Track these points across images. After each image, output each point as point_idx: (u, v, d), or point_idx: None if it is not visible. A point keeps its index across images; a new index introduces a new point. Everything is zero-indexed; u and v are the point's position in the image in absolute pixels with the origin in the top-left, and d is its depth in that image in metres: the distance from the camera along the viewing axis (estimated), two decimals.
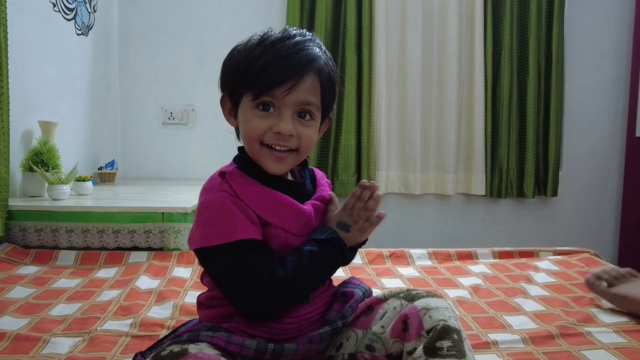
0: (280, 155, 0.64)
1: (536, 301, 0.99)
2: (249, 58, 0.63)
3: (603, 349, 0.77)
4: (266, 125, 0.63)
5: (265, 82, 0.61)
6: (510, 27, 2.25)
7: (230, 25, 2.28)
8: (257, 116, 0.63)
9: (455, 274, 1.18)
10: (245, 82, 0.63)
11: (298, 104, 0.63)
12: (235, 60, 0.65)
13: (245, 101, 0.64)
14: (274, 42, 0.62)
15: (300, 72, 0.61)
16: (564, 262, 1.27)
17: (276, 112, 0.63)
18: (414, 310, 0.61)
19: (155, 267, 1.18)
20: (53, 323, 0.85)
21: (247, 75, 0.62)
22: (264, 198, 0.64)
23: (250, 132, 0.64)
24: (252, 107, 0.63)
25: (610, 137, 2.39)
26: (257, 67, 0.61)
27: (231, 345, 0.58)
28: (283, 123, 0.62)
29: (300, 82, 0.61)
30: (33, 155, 1.47)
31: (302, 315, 0.66)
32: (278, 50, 0.62)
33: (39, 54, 1.65)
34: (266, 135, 0.63)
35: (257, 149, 0.64)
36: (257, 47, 0.63)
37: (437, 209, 2.38)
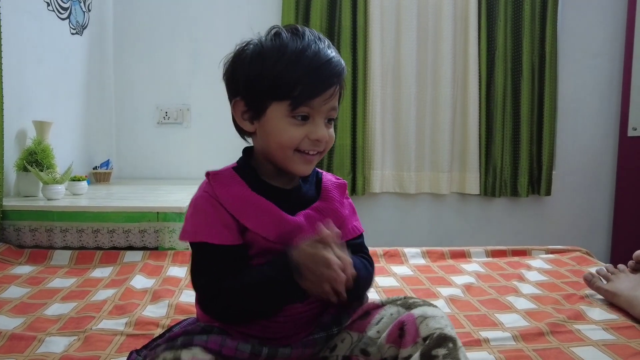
0: (310, 158, 0.66)
1: (528, 299, 1.00)
2: (277, 68, 0.62)
3: (592, 345, 0.78)
4: (302, 133, 0.64)
5: (305, 95, 0.62)
6: (504, 27, 2.26)
7: (225, 24, 2.28)
8: (293, 125, 0.63)
9: (448, 272, 1.19)
10: (278, 92, 0.62)
11: (329, 110, 0.65)
12: (255, 67, 0.64)
13: (277, 110, 0.63)
14: (304, 49, 0.62)
15: (334, 83, 0.64)
16: (556, 260, 1.29)
17: (310, 119, 0.64)
18: (411, 317, 0.61)
19: (150, 266, 1.18)
20: (48, 322, 0.86)
21: (281, 85, 0.62)
22: (244, 202, 0.64)
23: (287, 140, 0.64)
24: (288, 116, 0.63)
25: (603, 137, 2.41)
26: (292, 79, 0.61)
27: (225, 348, 0.59)
28: (320, 130, 0.64)
29: (335, 92, 0.64)
30: (27, 155, 1.47)
31: (296, 315, 0.66)
32: (312, 59, 0.62)
33: (33, 54, 1.64)
34: (302, 143, 0.64)
35: (290, 155, 0.65)
36: (282, 55, 0.62)
37: (432, 208, 2.40)
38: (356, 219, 0.75)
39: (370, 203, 2.35)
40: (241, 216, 0.63)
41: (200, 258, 0.64)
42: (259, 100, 0.64)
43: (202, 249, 0.63)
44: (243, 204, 0.64)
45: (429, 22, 2.28)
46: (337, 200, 0.72)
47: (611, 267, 1.03)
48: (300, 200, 0.69)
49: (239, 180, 0.65)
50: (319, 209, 0.69)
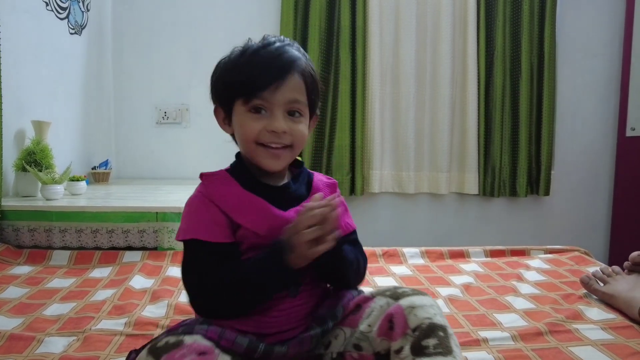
0: (275, 152, 0.68)
1: (526, 299, 1.01)
2: (236, 68, 0.68)
3: (590, 345, 0.79)
4: (260, 126, 0.67)
5: (253, 87, 0.66)
6: (503, 27, 2.26)
7: (224, 24, 2.28)
8: (250, 119, 0.67)
9: (447, 272, 1.20)
10: (235, 90, 0.68)
11: (287, 102, 0.67)
12: (221, 72, 0.70)
13: (238, 107, 0.68)
14: (256, 50, 0.67)
15: (283, 73, 0.66)
16: (554, 260, 1.29)
17: (268, 113, 0.67)
18: (399, 309, 0.62)
19: (149, 266, 1.18)
20: (47, 323, 0.86)
21: (235, 84, 0.67)
22: (236, 199, 0.67)
23: (246, 133, 0.67)
24: (245, 111, 0.67)
25: (602, 137, 2.42)
26: (244, 74, 0.66)
27: (223, 340, 0.59)
28: (276, 121, 0.66)
29: (284, 82, 0.66)
30: (26, 155, 1.47)
31: (290, 309, 0.67)
32: (261, 55, 0.67)
33: (32, 53, 1.64)
34: (261, 135, 0.67)
35: (253, 148, 0.68)
36: (241, 57, 0.68)
37: (431, 208, 2.40)
38: (348, 216, 0.77)
39: (369, 203, 2.36)
40: (234, 213, 0.66)
41: (191, 255, 0.67)
42: (226, 102, 0.70)
43: (192, 245, 0.66)
44: (235, 201, 0.67)
45: (427, 22, 2.28)
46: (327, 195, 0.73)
47: (607, 269, 1.03)
48: (291, 197, 0.71)
49: (231, 180, 0.69)
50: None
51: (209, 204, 0.67)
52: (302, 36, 2.22)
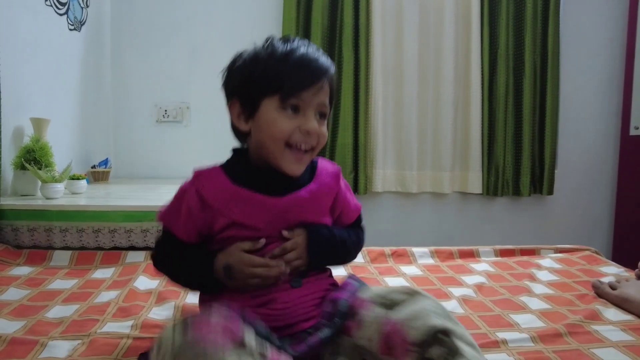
0: (301, 156, 0.69)
1: (541, 299, 0.99)
2: (267, 66, 0.67)
3: (612, 346, 0.77)
4: (294, 125, 0.67)
5: (296, 86, 0.66)
6: (507, 26, 2.25)
7: (225, 22, 2.25)
8: (285, 117, 0.67)
9: (458, 272, 1.17)
10: (270, 86, 0.67)
11: (320, 105, 0.69)
12: (249, 66, 0.69)
13: (269, 104, 0.67)
14: (292, 51, 0.68)
15: (322, 77, 0.68)
16: (565, 259, 1.27)
17: (301, 113, 0.68)
18: (395, 327, 0.58)
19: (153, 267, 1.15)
20: (50, 326, 0.82)
21: (271, 81, 0.67)
22: (227, 194, 0.69)
23: (278, 132, 0.67)
24: (279, 109, 0.67)
25: (605, 136, 2.41)
26: (283, 72, 0.67)
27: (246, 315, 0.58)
28: (311, 122, 0.68)
29: (324, 86, 0.68)
30: (25, 153, 1.43)
31: (293, 300, 0.67)
32: (300, 57, 0.67)
33: (30, 50, 1.60)
34: (293, 135, 0.67)
35: (280, 149, 0.68)
36: (273, 54, 0.68)
37: (434, 207, 2.38)
38: (352, 196, 0.81)
39: (372, 202, 2.33)
40: (226, 209, 0.68)
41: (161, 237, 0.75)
42: (252, 98, 0.69)
43: (164, 230, 0.73)
44: (226, 196, 0.68)
45: (430, 20, 2.26)
46: (328, 185, 0.75)
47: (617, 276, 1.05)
48: (292, 182, 0.71)
49: (222, 176, 0.70)
50: (311, 191, 0.72)
51: (196, 199, 0.69)
52: (304, 34, 2.19)
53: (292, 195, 0.70)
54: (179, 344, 0.50)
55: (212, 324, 0.52)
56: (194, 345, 0.50)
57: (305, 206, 0.71)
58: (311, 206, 0.72)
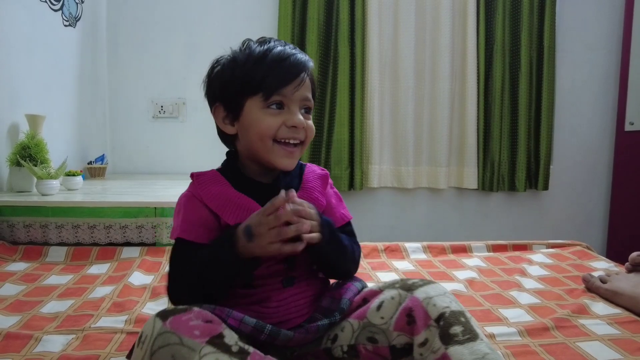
0: (291, 149, 0.69)
1: (531, 294, 1.00)
2: (248, 65, 0.68)
3: (598, 340, 0.78)
4: (279, 121, 0.68)
5: (276, 82, 0.67)
6: (503, 20, 2.25)
7: (221, 17, 2.24)
8: (269, 114, 0.68)
9: (450, 267, 1.19)
10: (250, 88, 0.68)
11: (303, 99, 0.70)
12: (229, 70, 0.70)
13: (253, 104, 0.68)
14: (267, 50, 0.68)
15: (301, 72, 0.69)
16: (557, 254, 1.28)
17: (286, 109, 0.69)
18: (417, 302, 0.61)
19: (148, 262, 1.16)
20: (44, 320, 0.84)
21: (251, 81, 0.68)
22: (224, 199, 0.69)
23: (265, 129, 0.68)
24: (263, 107, 0.68)
25: (601, 131, 2.42)
26: (263, 70, 0.67)
27: (231, 319, 0.59)
28: (296, 117, 0.68)
29: (303, 80, 0.69)
30: (20, 150, 1.44)
31: (288, 298, 0.68)
32: (278, 53, 0.68)
33: (25, 46, 1.60)
34: (280, 130, 0.68)
35: (269, 146, 0.68)
36: (253, 54, 0.69)
37: (430, 202, 2.39)
38: (343, 206, 0.79)
39: (368, 198, 2.34)
40: (222, 213, 0.68)
41: (176, 252, 0.68)
42: (235, 100, 0.69)
43: (178, 244, 0.68)
44: (224, 201, 0.69)
45: (427, 15, 2.26)
46: (318, 190, 0.75)
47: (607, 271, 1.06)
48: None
49: (221, 180, 0.71)
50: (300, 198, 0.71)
51: (198, 204, 0.69)
52: (301, 29, 2.19)
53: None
54: (158, 332, 0.52)
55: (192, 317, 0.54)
56: (172, 333, 0.52)
57: None
58: None
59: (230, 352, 0.52)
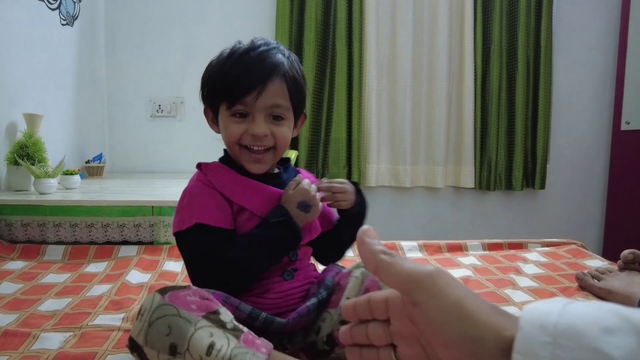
0: (257, 156, 0.71)
1: (525, 292, 1.01)
2: (221, 72, 0.70)
3: None
4: (242, 129, 0.70)
5: (236, 93, 0.68)
6: (500, 20, 2.26)
7: (219, 16, 2.25)
8: (233, 122, 0.70)
9: (445, 265, 1.19)
10: (220, 94, 0.71)
11: (268, 107, 0.70)
12: (209, 74, 0.73)
13: (222, 110, 0.71)
14: (241, 55, 0.70)
15: (264, 79, 0.68)
16: (552, 253, 1.29)
17: (250, 117, 0.70)
18: (374, 282, 0.65)
19: (145, 261, 1.17)
20: (42, 318, 0.84)
21: (220, 88, 0.70)
22: (236, 184, 0.71)
23: (229, 136, 0.71)
24: (229, 115, 0.70)
25: (597, 131, 2.43)
26: (228, 79, 0.69)
27: (227, 305, 0.61)
28: (256, 126, 0.69)
29: (265, 88, 0.68)
30: (18, 149, 1.44)
31: (285, 291, 0.70)
32: (244, 62, 0.69)
33: (22, 45, 1.61)
34: (243, 138, 0.70)
35: (237, 151, 0.72)
36: (226, 60, 0.70)
37: (427, 201, 2.40)
38: None
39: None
40: (236, 197, 0.70)
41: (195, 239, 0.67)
42: (213, 104, 0.73)
43: (197, 231, 0.67)
44: (236, 186, 0.71)
45: (424, 15, 2.27)
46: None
47: (600, 268, 1.06)
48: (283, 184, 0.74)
49: (227, 169, 0.73)
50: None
51: (211, 190, 0.70)
52: (298, 29, 2.20)
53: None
54: (157, 304, 0.54)
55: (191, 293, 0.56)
56: (170, 306, 0.54)
57: None
58: None
59: (225, 328, 0.54)
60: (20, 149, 1.44)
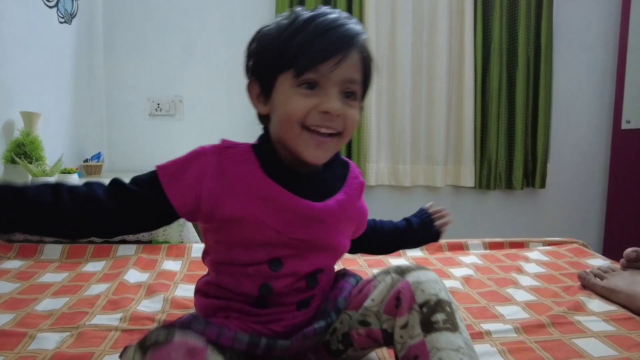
0: (323, 139, 0.58)
1: (527, 291, 1.00)
2: (284, 35, 0.58)
3: (593, 337, 0.78)
4: (311, 104, 0.57)
5: (309, 57, 0.56)
6: (500, 19, 2.25)
7: (218, 13, 2.23)
8: (300, 95, 0.57)
9: (446, 264, 1.19)
10: (283, 60, 0.57)
11: (345, 81, 0.58)
12: (265, 41, 0.61)
13: (284, 81, 0.58)
14: (312, 17, 0.58)
15: (346, 46, 0.57)
16: (553, 252, 1.28)
17: (321, 90, 0.57)
18: (406, 285, 0.59)
19: (144, 260, 1.16)
20: (39, 318, 0.83)
21: (285, 53, 0.57)
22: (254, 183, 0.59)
23: (292, 112, 0.57)
24: (294, 86, 0.57)
25: (597, 130, 2.42)
26: (297, 42, 0.57)
27: (222, 338, 0.56)
28: (331, 101, 0.57)
29: (347, 56, 0.57)
30: (15, 147, 1.43)
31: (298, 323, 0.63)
32: (319, 24, 0.57)
33: (20, 43, 1.59)
34: (310, 116, 0.57)
35: (297, 132, 0.58)
36: (292, 24, 0.58)
37: (427, 200, 2.35)
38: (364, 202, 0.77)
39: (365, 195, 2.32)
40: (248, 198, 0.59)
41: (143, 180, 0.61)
42: (268, 75, 0.60)
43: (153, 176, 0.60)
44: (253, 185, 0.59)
45: (424, 14, 2.26)
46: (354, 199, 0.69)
47: (603, 267, 1.05)
48: (322, 187, 0.63)
49: (253, 160, 0.61)
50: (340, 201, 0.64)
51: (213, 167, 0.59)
52: None
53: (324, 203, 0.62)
54: None
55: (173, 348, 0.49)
56: None
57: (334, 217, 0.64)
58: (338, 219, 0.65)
59: None
60: (18, 148, 1.42)
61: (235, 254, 0.61)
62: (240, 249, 0.61)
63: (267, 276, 0.61)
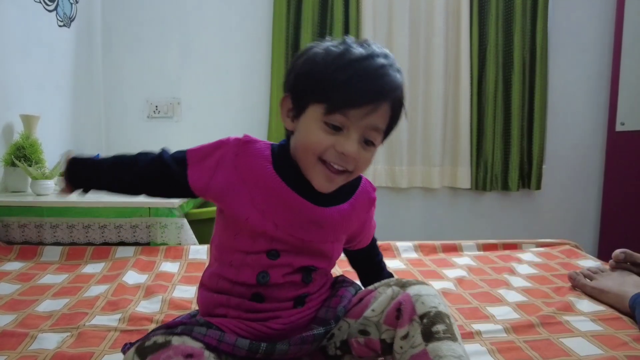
0: (332, 175, 0.62)
1: (518, 292, 1.02)
2: (329, 69, 0.60)
3: (580, 336, 0.80)
4: (330, 142, 0.60)
5: (343, 99, 0.58)
6: (496, 22, 2.27)
7: (216, 17, 2.25)
8: (323, 131, 0.60)
9: (440, 266, 1.21)
10: (320, 93, 0.60)
11: (368, 128, 0.60)
12: (309, 65, 0.62)
13: (313, 112, 0.60)
14: (358, 60, 0.59)
15: (380, 99, 0.59)
16: (545, 253, 1.30)
17: (344, 131, 0.60)
18: (407, 297, 0.62)
19: (142, 261, 1.18)
20: (40, 319, 0.85)
21: (323, 87, 0.59)
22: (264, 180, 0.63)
23: (312, 145, 0.60)
24: (321, 120, 0.60)
25: (592, 131, 2.45)
26: (337, 82, 0.59)
27: (223, 344, 0.58)
28: (349, 144, 0.59)
29: (378, 108, 0.59)
30: (15, 150, 1.44)
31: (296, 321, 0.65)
32: (363, 69, 0.59)
33: (19, 46, 1.61)
34: (328, 152, 0.60)
35: (312, 162, 0.62)
36: (338, 59, 0.60)
37: (423, 202, 2.42)
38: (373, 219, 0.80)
39: None
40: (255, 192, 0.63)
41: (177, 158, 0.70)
42: (302, 99, 0.62)
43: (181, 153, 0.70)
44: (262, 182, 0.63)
45: (421, 16, 2.28)
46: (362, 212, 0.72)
47: (592, 268, 1.07)
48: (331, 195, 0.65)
49: (266, 156, 0.65)
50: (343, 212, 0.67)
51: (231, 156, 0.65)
52: (295, 29, 2.20)
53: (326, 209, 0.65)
54: None
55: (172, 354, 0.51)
56: None
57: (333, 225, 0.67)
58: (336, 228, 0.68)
59: None
60: (17, 150, 1.44)
61: (238, 240, 0.65)
62: (244, 237, 0.65)
63: (265, 265, 0.64)
